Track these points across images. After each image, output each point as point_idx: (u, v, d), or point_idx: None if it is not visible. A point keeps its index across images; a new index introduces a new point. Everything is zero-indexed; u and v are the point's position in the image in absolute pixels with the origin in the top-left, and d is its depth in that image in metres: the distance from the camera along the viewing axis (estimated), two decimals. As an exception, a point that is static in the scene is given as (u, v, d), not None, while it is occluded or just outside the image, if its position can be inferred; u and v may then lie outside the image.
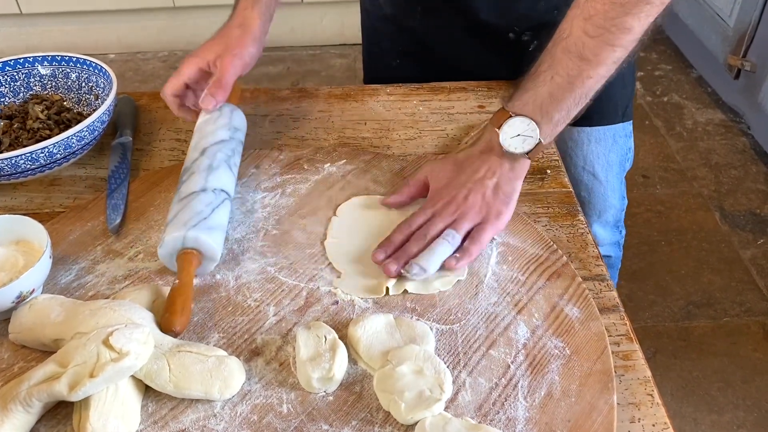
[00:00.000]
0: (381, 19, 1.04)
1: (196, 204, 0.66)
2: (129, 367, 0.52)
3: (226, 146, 0.75)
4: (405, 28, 1.01)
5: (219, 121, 0.77)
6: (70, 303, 0.60)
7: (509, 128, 0.71)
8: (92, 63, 0.87)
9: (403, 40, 1.03)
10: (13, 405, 0.51)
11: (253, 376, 0.57)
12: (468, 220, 0.68)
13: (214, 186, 0.69)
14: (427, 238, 0.67)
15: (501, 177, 0.71)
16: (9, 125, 0.84)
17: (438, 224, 0.68)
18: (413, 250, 0.66)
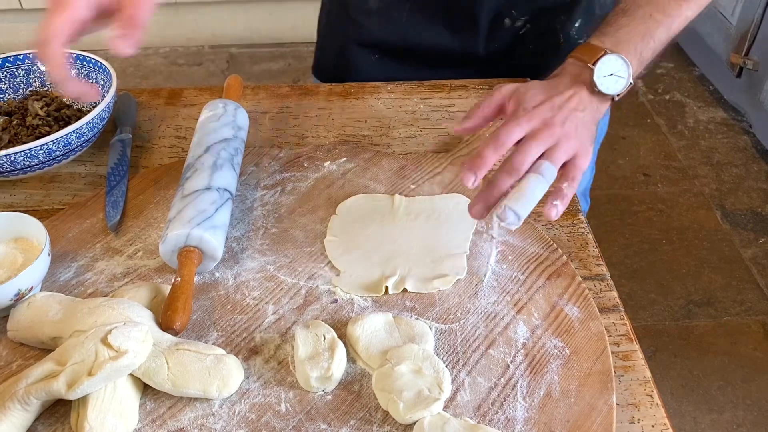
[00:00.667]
0: (364, 13, 1.00)
1: (200, 202, 0.66)
2: (127, 366, 0.52)
3: (230, 145, 0.74)
4: (391, 21, 0.98)
5: (223, 118, 0.77)
6: (69, 301, 0.60)
7: (604, 66, 0.66)
8: (92, 59, 0.86)
9: (387, 33, 1.00)
10: (11, 403, 0.51)
11: (251, 375, 0.57)
12: (564, 149, 0.62)
13: (218, 185, 0.69)
14: (522, 170, 0.60)
15: (589, 113, 0.66)
16: (8, 122, 0.84)
17: (534, 149, 0.61)
18: (505, 185, 0.60)
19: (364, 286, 0.64)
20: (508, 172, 0.60)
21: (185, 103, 0.94)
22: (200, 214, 0.65)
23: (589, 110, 0.66)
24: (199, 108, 0.91)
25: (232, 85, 0.86)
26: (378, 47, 1.02)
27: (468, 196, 0.74)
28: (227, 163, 0.72)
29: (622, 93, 0.68)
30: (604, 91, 0.67)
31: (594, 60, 0.67)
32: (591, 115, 0.67)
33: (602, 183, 2.09)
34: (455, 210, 0.73)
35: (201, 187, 0.68)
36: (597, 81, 0.67)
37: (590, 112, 0.67)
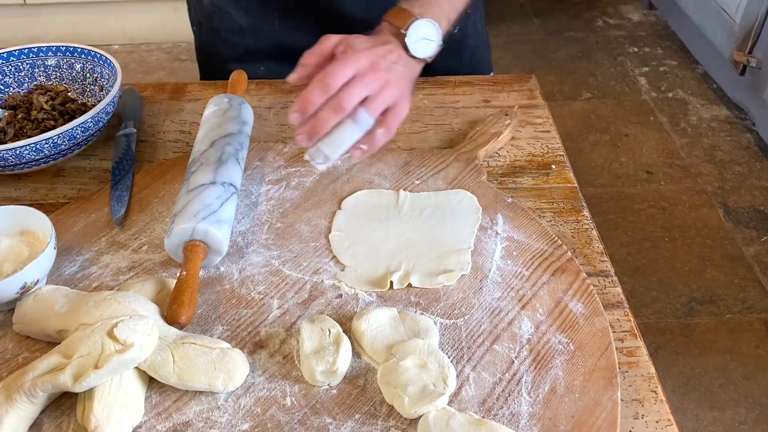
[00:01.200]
0: (237, 33, 0.99)
1: (205, 197, 0.66)
2: (133, 359, 0.52)
3: (235, 140, 0.74)
4: (264, 34, 0.98)
5: (228, 113, 0.77)
6: (75, 294, 0.60)
7: (415, 31, 0.69)
8: (97, 54, 0.87)
9: (263, 46, 0.99)
10: (17, 395, 0.52)
11: (256, 369, 0.57)
12: (384, 97, 0.64)
13: (223, 179, 0.69)
14: (346, 110, 0.62)
15: (407, 70, 0.69)
16: (13, 116, 0.84)
17: (359, 91, 0.63)
18: (329, 123, 0.62)
19: (369, 281, 0.64)
20: (334, 110, 0.62)
21: (190, 98, 0.95)
22: (205, 209, 0.65)
23: (407, 68, 0.69)
24: (203, 103, 0.91)
25: (236, 80, 0.86)
26: (260, 61, 1.01)
27: (473, 192, 0.74)
28: (232, 157, 0.72)
29: (433, 55, 0.71)
30: (417, 55, 0.70)
31: (406, 25, 0.69)
32: (408, 73, 0.69)
33: (605, 180, 2.09)
34: (460, 206, 0.73)
35: (206, 182, 0.68)
36: (410, 45, 0.69)
37: (408, 69, 0.69)
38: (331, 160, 0.64)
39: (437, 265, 0.66)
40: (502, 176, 0.80)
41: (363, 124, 0.64)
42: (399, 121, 0.66)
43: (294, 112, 0.63)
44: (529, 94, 0.94)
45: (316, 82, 0.62)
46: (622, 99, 2.47)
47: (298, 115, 0.63)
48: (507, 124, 0.84)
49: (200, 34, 1.05)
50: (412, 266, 0.66)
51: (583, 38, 2.85)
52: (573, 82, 2.57)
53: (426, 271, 0.65)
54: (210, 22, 1.00)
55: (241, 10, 0.96)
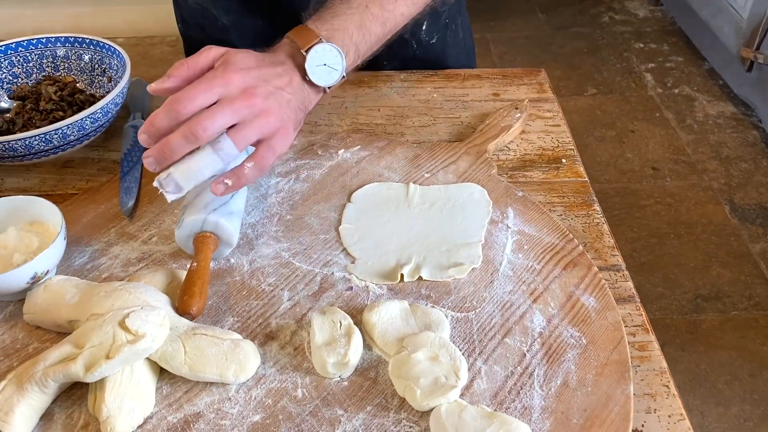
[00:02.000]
0: (220, 30, 0.97)
1: (213, 188, 0.66)
2: (145, 349, 0.52)
3: (241, 130, 0.74)
4: (246, 31, 0.96)
5: (233, 104, 0.76)
6: (85, 285, 0.60)
7: (317, 55, 0.63)
8: (106, 45, 0.86)
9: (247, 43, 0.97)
10: (29, 385, 0.51)
11: (267, 361, 0.57)
12: (257, 127, 0.57)
13: (231, 170, 0.68)
14: (201, 139, 0.54)
15: (297, 98, 0.62)
16: (22, 106, 0.84)
17: (221, 119, 0.55)
18: (179, 151, 0.55)
19: (380, 274, 0.64)
20: (185, 137, 0.54)
21: (198, 89, 0.94)
22: (216, 200, 0.65)
23: (297, 95, 0.63)
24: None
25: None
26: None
27: (483, 185, 0.74)
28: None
29: (334, 86, 0.65)
30: (315, 82, 0.64)
31: (308, 47, 0.63)
32: (299, 101, 0.63)
33: (610, 176, 2.09)
34: (470, 199, 0.72)
35: (216, 173, 0.68)
36: (309, 70, 0.63)
37: (298, 97, 0.63)
38: (184, 190, 0.56)
39: (448, 258, 0.66)
40: (512, 170, 0.79)
41: (226, 155, 0.56)
42: (274, 155, 0.59)
43: (141, 133, 0.56)
44: (539, 88, 0.94)
45: (165, 105, 0.56)
46: (628, 95, 2.46)
47: (146, 137, 0.56)
48: (517, 118, 0.84)
49: (186, 30, 1.04)
50: (423, 259, 0.65)
51: (589, 34, 2.84)
52: (579, 77, 2.56)
53: (436, 264, 0.65)
54: (194, 20, 0.99)
55: (221, 10, 0.95)
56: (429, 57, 0.99)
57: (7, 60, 0.87)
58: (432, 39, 0.97)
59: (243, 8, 0.94)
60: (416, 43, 0.97)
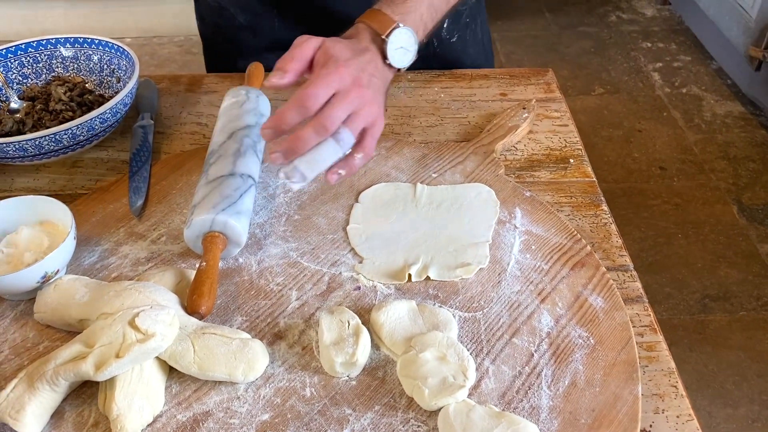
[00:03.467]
0: (236, 29, 0.98)
1: (224, 188, 0.66)
2: (155, 348, 0.52)
3: (253, 132, 0.74)
4: (263, 31, 0.97)
5: (246, 105, 0.77)
6: (95, 284, 0.60)
7: (395, 39, 0.66)
8: (114, 45, 0.87)
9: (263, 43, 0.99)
10: (39, 383, 0.52)
11: (276, 360, 0.57)
12: (364, 116, 0.61)
13: (242, 171, 0.69)
14: (329, 131, 0.59)
15: (381, 81, 0.65)
16: (31, 107, 0.84)
17: (343, 111, 0.59)
18: (310, 143, 0.59)
19: (387, 274, 0.64)
20: (316, 131, 0.58)
21: (206, 89, 0.95)
22: (225, 200, 0.65)
23: (381, 78, 0.65)
24: (220, 95, 0.91)
25: (253, 73, 0.86)
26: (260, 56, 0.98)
27: (491, 186, 0.74)
28: (250, 149, 0.72)
29: (407, 66, 0.69)
30: (395, 65, 0.67)
31: (387, 32, 0.66)
32: (384, 85, 0.66)
33: (617, 176, 2.08)
34: (477, 199, 0.72)
35: (225, 173, 0.68)
36: (389, 54, 0.66)
37: (382, 81, 0.66)
38: (308, 179, 0.60)
39: (455, 258, 0.66)
40: (519, 170, 0.79)
41: (345, 144, 0.60)
42: (375, 142, 0.62)
43: (266, 128, 0.59)
44: (546, 88, 0.93)
45: (295, 102, 0.59)
46: (635, 94, 2.45)
47: (271, 132, 0.59)
48: (525, 118, 0.84)
49: (204, 28, 1.05)
50: (430, 259, 0.66)
51: (596, 33, 2.83)
52: (586, 77, 2.56)
53: (444, 264, 0.65)
54: (212, 18, 1.00)
55: (239, 8, 0.96)
56: (449, 55, 0.99)
57: (17, 61, 0.88)
58: (453, 37, 0.97)
59: (260, 8, 0.95)
60: (437, 40, 0.97)
